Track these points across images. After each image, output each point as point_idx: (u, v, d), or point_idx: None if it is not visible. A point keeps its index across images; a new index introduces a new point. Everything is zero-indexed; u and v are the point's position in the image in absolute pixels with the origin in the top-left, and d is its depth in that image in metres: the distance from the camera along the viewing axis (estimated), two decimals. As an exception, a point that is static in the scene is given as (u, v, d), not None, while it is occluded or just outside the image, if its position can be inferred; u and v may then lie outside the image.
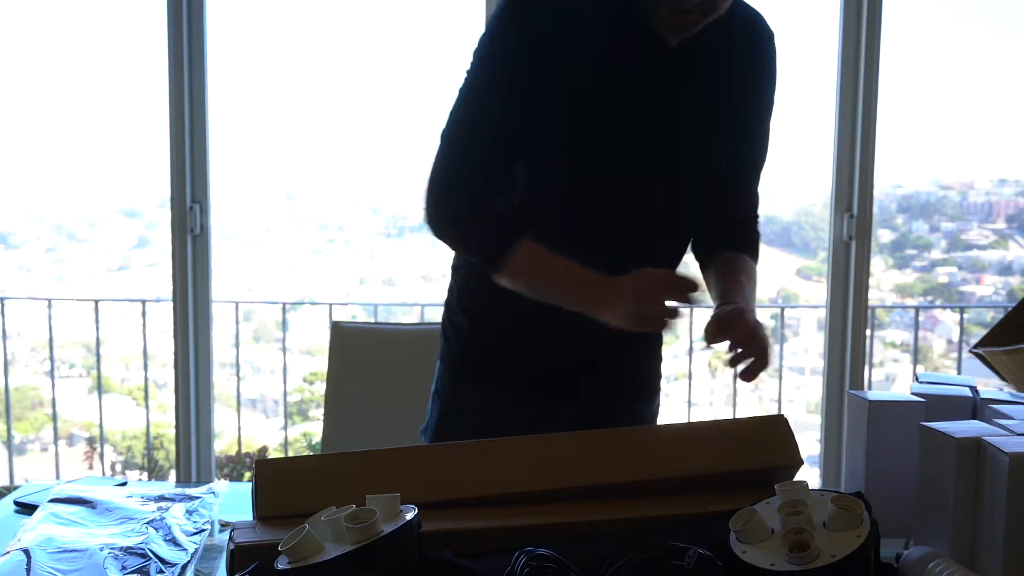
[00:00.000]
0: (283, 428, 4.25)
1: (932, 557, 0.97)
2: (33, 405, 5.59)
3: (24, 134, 5.41)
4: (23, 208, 5.75)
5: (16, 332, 4.87)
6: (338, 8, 4.81)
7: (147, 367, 3.89)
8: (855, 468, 1.23)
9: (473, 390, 1.45)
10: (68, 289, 5.63)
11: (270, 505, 1.06)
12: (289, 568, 0.88)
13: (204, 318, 3.08)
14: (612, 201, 1.35)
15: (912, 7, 3.92)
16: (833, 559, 0.87)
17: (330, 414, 2.16)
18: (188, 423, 3.12)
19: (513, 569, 0.89)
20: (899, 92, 3.61)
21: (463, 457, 1.16)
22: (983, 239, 5.39)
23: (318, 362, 5.25)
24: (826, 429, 3.18)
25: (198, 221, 3.01)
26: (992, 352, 1.47)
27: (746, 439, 1.21)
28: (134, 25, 4.44)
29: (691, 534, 1.00)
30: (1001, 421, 1.11)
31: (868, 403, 1.20)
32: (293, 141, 5.22)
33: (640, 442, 1.21)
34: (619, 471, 1.14)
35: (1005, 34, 4.88)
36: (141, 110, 4.24)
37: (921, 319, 5.05)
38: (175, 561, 1.14)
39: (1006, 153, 5.32)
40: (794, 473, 1.21)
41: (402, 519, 0.91)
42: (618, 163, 1.33)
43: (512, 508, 1.09)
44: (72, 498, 1.32)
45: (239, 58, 4.64)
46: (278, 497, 1.07)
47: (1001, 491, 0.94)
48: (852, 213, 3.01)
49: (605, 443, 1.18)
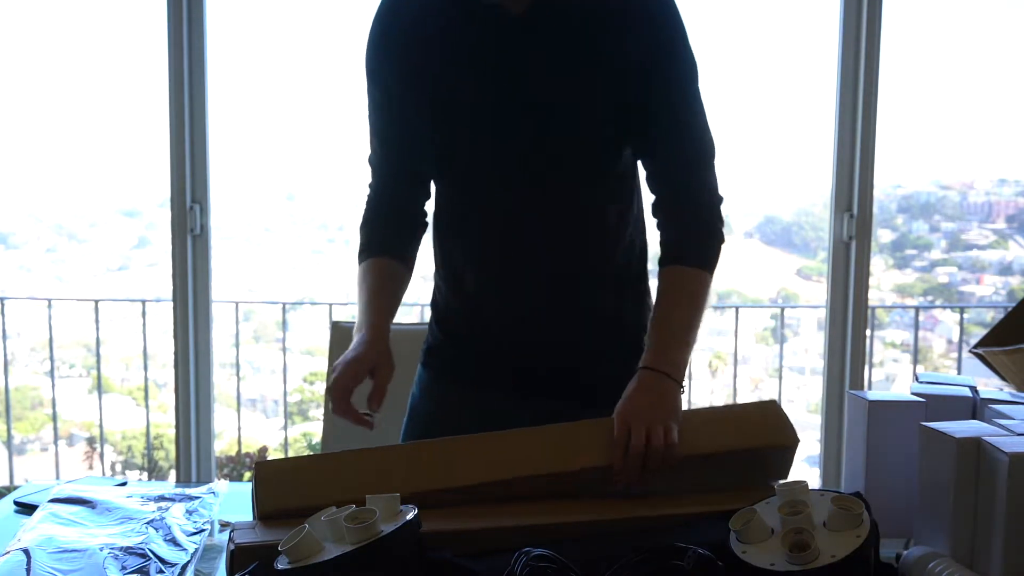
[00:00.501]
0: (283, 428, 4.25)
1: (932, 557, 0.97)
2: (33, 405, 5.59)
3: (24, 134, 5.41)
4: (23, 208, 5.75)
5: (16, 332, 4.87)
6: (338, 8, 4.81)
7: (147, 367, 3.89)
8: (855, 468, 1.23)
9: (440, 386, 1.47)
10: (68, 289, 5.63)
11: (269, 503, 1.07)
12: (289, 568, 0.88)
13: (204, 318, 3.08)
14: (481, 181, 1.37)
15: (912, 7, 3.92)
16: (833, 559, 0.87)
17: (330, 414, 2.16)
18: (188, 423, 3.12)
19: (513, 569, 0.89)
20: (899, 92, 3.61)
21: (457, 450, 1.16)
22: (983, 239, 5.39)
23: (318, 362, 5.25)
24: (826, 429, 3.18)
25: (198, 221, 3.01)
26: (992, 352, 1.48)
27: (741, 422, 1.22)
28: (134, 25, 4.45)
29: (691, 534, 1.00)
30: (1001, 421, 1.11)
31: (868, 403, 1.20)
32: (293, 141, 5.22)
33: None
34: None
35: (1005, 34, 4.88)
36: (141, 110, 4.25)
37: (921, 319, 5.05)
38: (175, 561, 1.14)
39: (1006, 153, 5.32)
40: (791, 456, 1.21)
41: (402, 519, 0.91)
42: (475, 140, 1.34)
43: (512, 508, 1.09)
44: (72, 498, 1.32)
45: (239, 58, 4.64)
46: (278, 496, 1.08)
47: (1001, 491, 0.94)
48: (852, 213, 3.01)
49: (603, 429, 1.18)
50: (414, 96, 1.35)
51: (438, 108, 1.34)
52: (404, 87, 1.36)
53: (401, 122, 1.39)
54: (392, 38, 1.36)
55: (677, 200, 1.37)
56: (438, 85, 1.33)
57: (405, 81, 1.36)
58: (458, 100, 1.33)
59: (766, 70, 4.79)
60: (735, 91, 4.56)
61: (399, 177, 1.44)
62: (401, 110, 1.38)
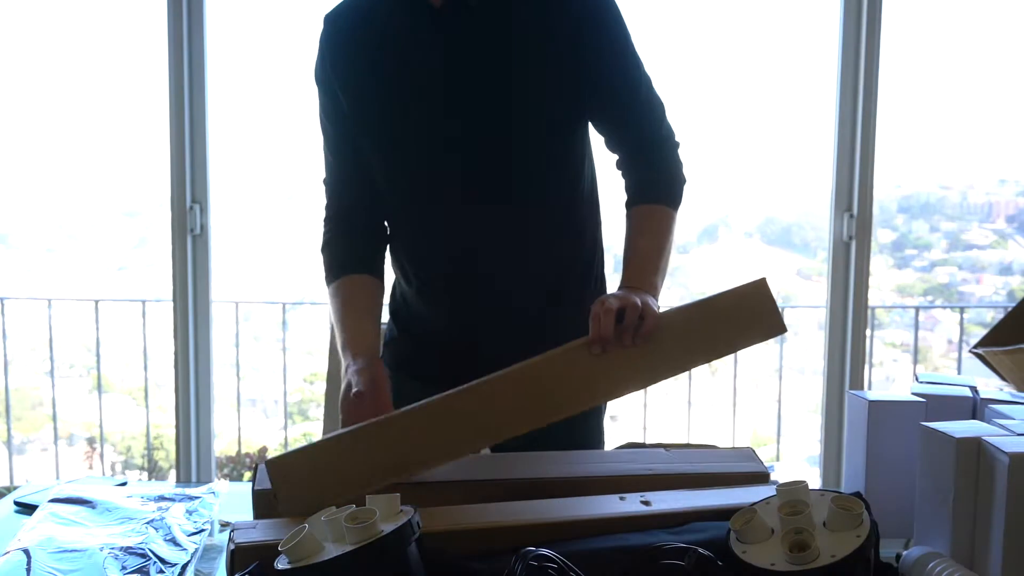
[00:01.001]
0: (283, 428, 4.25)
1: (932, 557, 0.97)
2: (33, 405, 5.58)
3: (24, 134, 5.41)
4: (23, 208, 5.75)
5: (16, 332, 4.86)
6: (338, 8, 4.81)
7: (147, 367, 3.89)
8: (855, 468, 1.23)
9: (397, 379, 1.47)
10: (68, 289, 5.63)
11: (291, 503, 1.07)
12: (289, 568, 0.88)
13: (204, 318, 3.08)
14: (425, 179, 1.38)
15: (912, 7, 3.92)
16: (833, 559, 0.87)
17: (330, 414, 2.16)
18: (188, 423, 3.12)
19: (513, 569, 0.89)
20: (899, 92, 3.61)
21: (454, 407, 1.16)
22: (983, 239, 5.39)
23: (318, 362, 5.25)
24: (826, 429, 3.18)
25: (198, 221, 3.01)
26: (992, 352, 1.48)
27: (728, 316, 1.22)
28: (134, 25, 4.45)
29: (691, 534, 1.00)
30: (1001, 421, 1.11)
31: (868, 403, 1.20)
32: (293, 141, 5.22)
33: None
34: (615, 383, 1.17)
35: (1005, 34, 4.88)
36: (141, 110, 4.25)
37: (921, 319, 5.05)
38: (175, 561, 1.14)
39: (1006, 153, 5.32)
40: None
41: (402, 519, 0.91)
42: (415, 139, 1.36)
43: (512, 508, 1.09)
44: (72, 498, 1.32)
45: (239, 58, 4.64)
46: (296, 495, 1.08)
47: (1001, 491, 0.94)
48: (852, 213, 3.01)
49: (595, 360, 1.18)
50: (362, 101, 1.37)
51: (386, 106, 1.35)
52: (353, 94, 1.38)
53: (353, 130, 1.40)
54: (338, 46, 1.39)
55: (640, 151, 1.42)
56: (386, 87, 1.35)
57: (353, 87, 1.37)
58: (408, 97, 1.34)
59: (766, 70, 4.79)
60: (735, 91, 4.57)
61: (359, 188, 1.44)
62: (353, 116, 1.39)
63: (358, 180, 1.44)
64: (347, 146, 1.43)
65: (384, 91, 1.35)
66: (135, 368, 4.82)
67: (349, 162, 1.43)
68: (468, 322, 1.43)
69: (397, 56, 1.34)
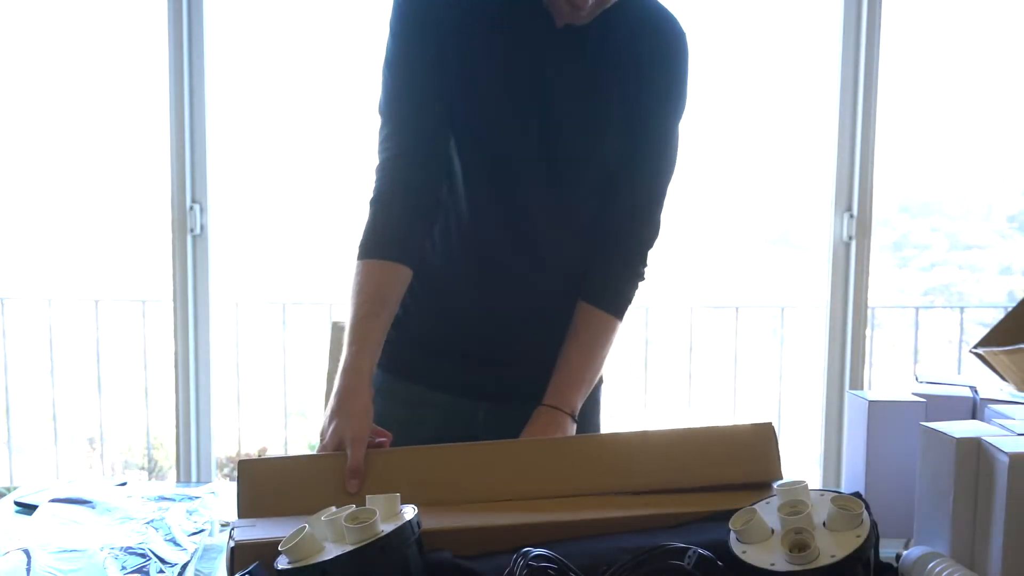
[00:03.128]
0: (283, 428, 4.25)
1: (932, 557, 0.97)
2: (33, 405, 5.58)
3: (24, 134, 5.41)
4: (23, 208, 5.75)
5: (16, 332, 4.86)
6: (338, 8, 4.82)
7: (147, 367, 3.89)
8: (855, 468, 1.23)
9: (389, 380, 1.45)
10: (68, 289, 5.63)
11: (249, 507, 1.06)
12: (289, 568, 0.88)
13: (204, 318, 3.08)
14: (495, 180, 1.35)
15: (912, 7, 3.92)
16: (833, 559, 0.87)
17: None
18: (188, 423, 3.12)
19: (513, 569, 0.89)
20: (899, 92, 3.61)
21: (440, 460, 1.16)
22: (983, 239, 5.39)
23: (318, 362, 5.24)
24: (826, 429, 3.18)
25: (198, 221, 3.01)
26: (992, 352, 1.48)
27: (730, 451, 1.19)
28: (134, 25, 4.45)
29: (691, 534, 1.00)
30: (1001, 421, 1.11)
31: (868, 403, 1.20)
32: (293, 141, 5.22)
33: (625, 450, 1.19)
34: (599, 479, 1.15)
35: (1006, 34, 4.88)
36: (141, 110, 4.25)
37: (921, 319, 5.05)
38: (175, 561, 1.14)
39: (1006, 153, 5.32)
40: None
41: (402, 519, 0.91)
42: (496, 144, 1.34)
43: (512, 508, 1.09)
44: (72, 498, 1.32)
45: (239, 58, 4.64)
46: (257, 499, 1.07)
47: (1001, 491, 0.94)
48: (852, 213, 3.01)
49: (595, 448, 1.18)
50: (469, 73, 1.32)
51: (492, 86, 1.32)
52: (463, 63, 1.32)
53: (442, 84, 1.32)
54: (455, 4, 1.33)
55: (617, 241, 1.40)
56: (473, 75, 1.32)
57: (465, 55, 1.32)
58: (512, 90, 1.32)
59: (766, 70, 4.79)
60: (735, 91, 4.57)
61: (429, 145, 1.34)
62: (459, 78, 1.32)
63: (436, 139, 1.34)
64: (431, 95, 1.32)
65: (491, 73, 1.32)
66: (135, 368, 4.83)
67: (431, 115, 1.33)
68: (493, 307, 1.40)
69: (508, 48, 1.31)
